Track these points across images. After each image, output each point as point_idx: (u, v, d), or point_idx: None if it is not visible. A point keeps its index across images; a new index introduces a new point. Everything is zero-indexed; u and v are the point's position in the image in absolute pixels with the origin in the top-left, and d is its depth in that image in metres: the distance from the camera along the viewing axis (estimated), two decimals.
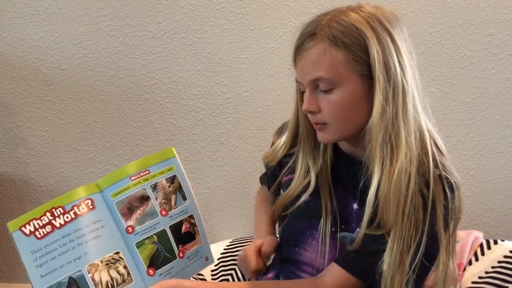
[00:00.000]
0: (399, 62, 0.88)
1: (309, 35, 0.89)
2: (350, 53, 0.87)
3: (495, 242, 1.40)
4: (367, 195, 0.91)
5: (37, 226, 0.84)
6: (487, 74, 1.60)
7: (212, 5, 1.63)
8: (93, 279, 0.84)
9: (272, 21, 1.62)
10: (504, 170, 1.66)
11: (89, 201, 0.88)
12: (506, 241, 1.41)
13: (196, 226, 0.97)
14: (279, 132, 1.14)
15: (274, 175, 1.12)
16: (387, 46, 0.87)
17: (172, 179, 0.95)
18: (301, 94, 0.97)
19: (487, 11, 1.56)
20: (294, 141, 1.06)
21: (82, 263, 0.84)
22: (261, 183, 1.22)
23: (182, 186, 0.96)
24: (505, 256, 1.35)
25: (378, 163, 0.88)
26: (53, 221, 0.85)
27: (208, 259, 0.99)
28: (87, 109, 1.73)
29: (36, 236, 0.83)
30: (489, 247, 1.39)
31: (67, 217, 0.86)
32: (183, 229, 0.95)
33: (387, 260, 0.89)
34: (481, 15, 1.56)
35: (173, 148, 0.97)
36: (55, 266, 0.83)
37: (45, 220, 0.84)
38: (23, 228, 0.83)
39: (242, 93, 1.69)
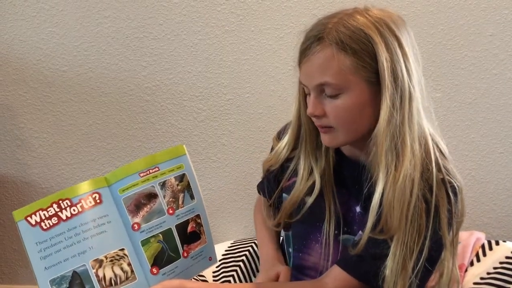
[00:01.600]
0: (406, 68, 0.87)
1: (315, 38, 0.88)
2: (358, 59, 0.86)
3: (497, 243, 1.40)
4: (371, 201, 0.90)
5: (43, 217, 0.83)
6: (488, 74, 1.60)
7: (213, 7, 1.63)
8: (96, 275, 0.83)
9: (273, 22, 1.62)
10: (505, 171, 1.66)
11: (97, 195, 0.87)
12: (507, 242, 1.41)
13: (202, 226, 0.96)
14: (279, 136, 1.12)
15: (277, 180, 1.10)
16: (395, 53, 0.86)
17: (181, 178, 0.95)
18: (304, 95, 0.96)
19: (488, 12, 1.56)
20: (296, 142, 1.04)
21: (87, 258, 0.84)
22: (259, 192, 1.21)
23: (191, 184, 0.95)
24: (507, 257, 1.35)
25: (383, 170, 0.88)
26: (59, 213, 0.84)
27: (211, 259, 0.98)
28: (88, 111, 1.74)
29: (41, 227, 0.82)
30: (490, 248, 1.39)
31: (74, 210, 0.85)
32: (189, 228, 0.94)
33: (390, 265, 0.89)
34: (482, 16, 1.56)
35: (184, 146, 0.96)
36: (60, 259, 0.82)
37: (51, 212, 0.83)
38: (28, 218, 0.82)
39: (243, 95, 1.69)
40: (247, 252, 1.49)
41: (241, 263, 1.47)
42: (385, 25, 0.87)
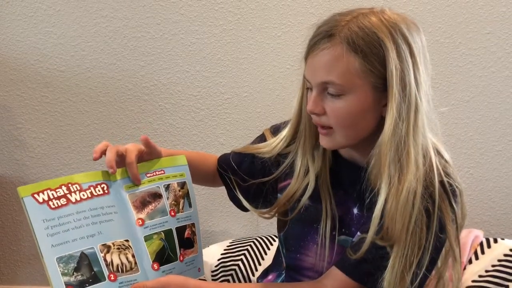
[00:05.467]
0: (415, 77, 0.85)
1: (326, 34, 0.86)
2: (367, 63, 0.84)
3: (495, 241, 1.40)
4: (372, 209, 0.89)
5: (52, 197, 0.84)
6: (486, 72, 1.60)
7: (211, 6, 1.63)
8: (104, 259, 0.84)
9: (271, 21, 1.62)
10: (503, 169, 1.66)
11: (105, 186, 0.89)
12: (506, 240, 1.41)
13: (196, 236, 0.99)
14: (273, 131, 1.10)
15: (267, 168, 1.05)
16: (405, 61, 0.84)
17: (182, 185, 0.98)
18: (307, 89, 0.94)
19: (485, 9, 1.56)
20: (294, 137, 1.02)
21: (96, 241, 0.85)
22: (219, 162, 1.13)
23: (190, 194, 0.99)
24: (505, 255, 1.35)
25: (385, 180, 0.86)
26: (68, 195, 0.85)
27: (200, 271, 1.00)
28: (86, 111, 1.73)
29: (49, 205, 0.83)
30: (489, 246, 1.39)
31: (83, 195, 0.86)
32: (186, 234, 0.96)
33: (388, 277, 0.88)
34: (479, 14, 1.56)
35: (185, 157, 1.01)
36: (68, 239, 0.83)
37: (60, 193, 0.85)
38: (36, 196, 0.83)
39: (241, 94, 1.69)
40: (245, 251, 1.49)
41: (239, 262, 1.47)
42: (399, 31, 0.85)
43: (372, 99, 0.87)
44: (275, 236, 1.55)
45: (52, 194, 0.84)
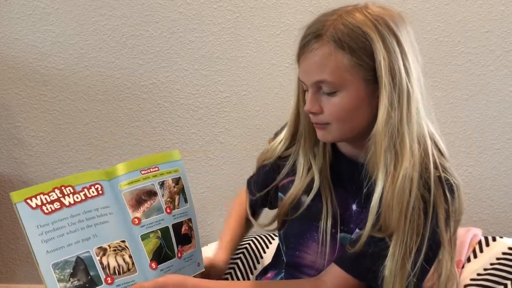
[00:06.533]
0: (404, 66, 0.87)
1: (314, 35, 0.88)
2: (355, 58, 0.86)
3: (494, 239, 1.40)
4: (370, 201, 0.90)
5: (45, 201, 0.83)
6: (484, 71, 1.60)
7: (209, 4, 1.62)
8: (101, 262, 0.84)
9: (270, 19, 1.62)
10: (502, 167, 1.66)
11: (99, 186, 0.89)
12: (504, 238, 1.41)
13: (193, 231, 0.98)
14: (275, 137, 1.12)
15: (270, 177, 1.08)
16: (393, 51, 0.86)
17: (177, 181, 0.97)
18: (303, 91, 0.96)
19: (484, 8, 1.56)
20: (293, 138, 1.04)
21: (91, 244, 0.84)
22: (248, 186, 1.19)
23: (185, 189, 0.98)
24: (504, 253, 1.35)
25: (382, 169, 0.88)
26: (62, 199, 0.84)
27: (199, 265, 1.00)
28: (84, 109, 1.73)
29: (43, 211, 0.82)
30: (487, 244, 1.39)
31: (77, 197, 0.86)
32: (183, 230, 0.96)
33: (389, 265, 0.89)
34: (478, 12, 1.56)
35: (179, 152, 1.00)
36: (63, 244, 0.82)
37: (53, 197, 0.84)
38: (29, 201, 0.82)
39: (240, 92, 1.69)
40: (244, 250, 1.49)
41: (238, 261, 1.47)
42: (383, 23, 0.87)
43: (365, 92, 0.89)
44: (274, 234, 1.55)
45: (45, 198, 0.83)
